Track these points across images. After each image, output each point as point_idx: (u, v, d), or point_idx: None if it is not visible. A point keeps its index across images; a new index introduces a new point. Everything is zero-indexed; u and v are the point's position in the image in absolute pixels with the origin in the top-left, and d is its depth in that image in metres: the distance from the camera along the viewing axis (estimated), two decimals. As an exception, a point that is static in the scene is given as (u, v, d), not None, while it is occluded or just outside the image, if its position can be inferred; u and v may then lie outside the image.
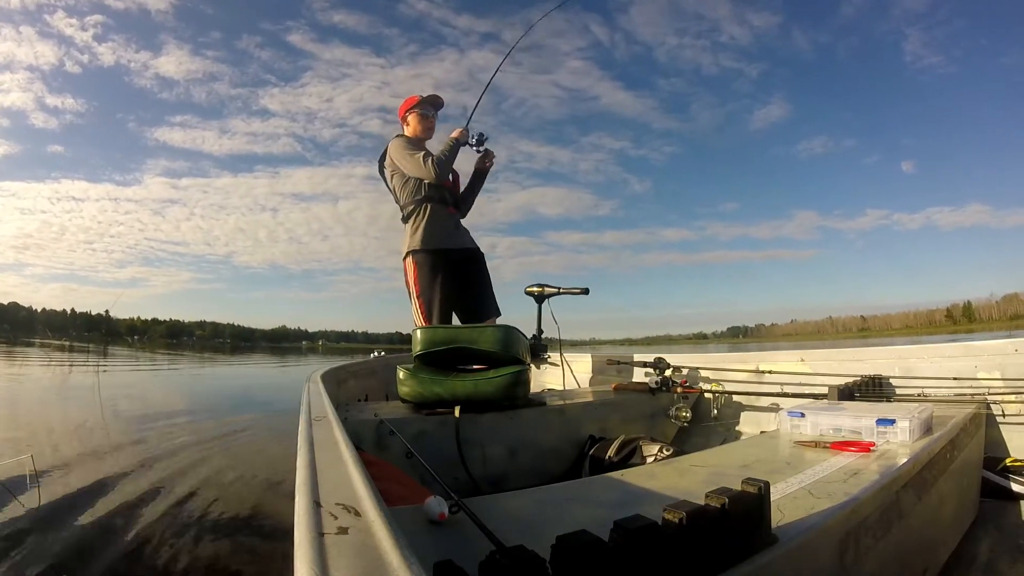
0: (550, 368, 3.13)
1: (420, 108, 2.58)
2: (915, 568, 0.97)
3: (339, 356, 35.47)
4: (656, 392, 2.21)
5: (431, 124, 2.62)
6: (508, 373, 1.77)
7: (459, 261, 2.49)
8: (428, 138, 2.62)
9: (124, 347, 45.79)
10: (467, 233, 2.60)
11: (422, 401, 1.76)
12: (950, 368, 1.80)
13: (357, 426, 1.50)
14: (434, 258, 2.41)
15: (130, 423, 4.69)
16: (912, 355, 1.95)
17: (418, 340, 1.86)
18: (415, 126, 2.59)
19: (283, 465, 2.90)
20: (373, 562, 0.36)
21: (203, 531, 2.02)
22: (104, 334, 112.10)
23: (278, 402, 6.36)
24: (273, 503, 2.38)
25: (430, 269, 2.40)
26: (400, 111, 2.65)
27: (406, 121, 2.62)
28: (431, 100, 2.63)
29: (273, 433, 4.22)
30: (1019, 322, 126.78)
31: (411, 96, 2.63)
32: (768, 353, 2.38)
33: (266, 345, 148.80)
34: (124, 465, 2.99)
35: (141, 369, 14.60)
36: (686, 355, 2.57)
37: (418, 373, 1.78)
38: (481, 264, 2.61)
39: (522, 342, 1.92)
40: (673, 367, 2.41)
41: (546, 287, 2.62)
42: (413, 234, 2.45)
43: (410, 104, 2.60)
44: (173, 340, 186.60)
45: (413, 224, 2.46)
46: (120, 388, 8.20)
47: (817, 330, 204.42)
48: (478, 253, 2.61)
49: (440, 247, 2.43)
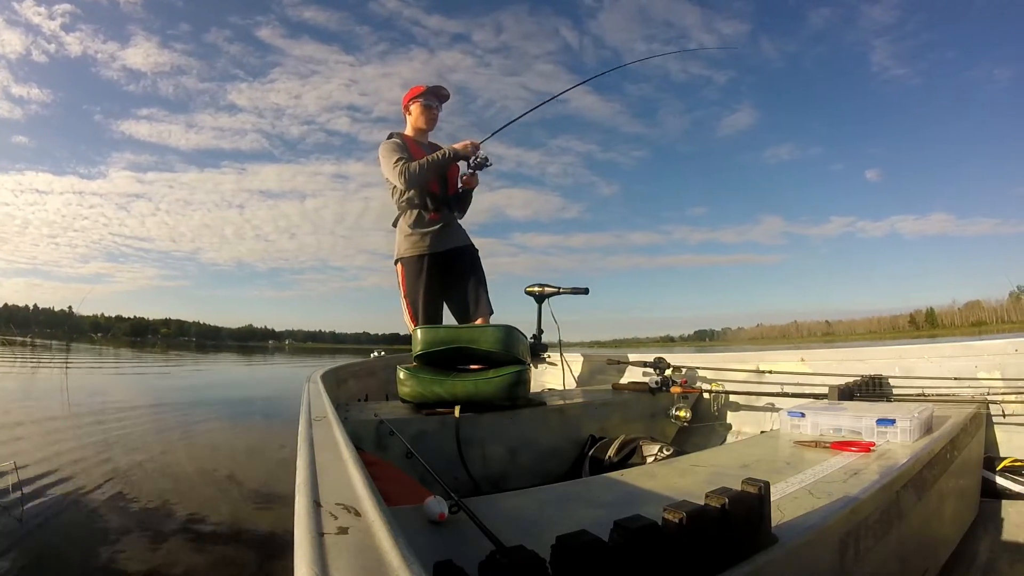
0: (550, 368, 3.13)
1: (423, 98, 2.48)
2: (915, 568, 0.97)
3: (306, 356, 34.38)
4: (656, 392, 2.21)
5: (434, 116, 2.53)
6: (508, 373, 1.77)
7: (444, 262, 2.45)
8: (430, 129, 2.54)
9: (88, 344, 44.06)
10: (456, 232, 2.52)
11: (422, 401, 1.76)
12: (950, 368, 1.80)
13: (357, 426, 1.50)
14: (418, 262, 2.40)
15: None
16: (912, 355, 1.95)
17: (418, 340, 1.86)
18: (417, 117, 2.50)
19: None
20: (373, 562, 0.36)
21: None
22: (68, 331, 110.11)
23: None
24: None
25: (414, 272, 2.40)
26: (403, 100, 2.55)
27: (408, 111, 2.52)
28: (435, 91, 2.52)
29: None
30: (981, 328, 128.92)
31: (415, 86, 2.53)
32: (768, 353, 2.38)
33: (232, 344, 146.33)
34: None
35: (104, 367, 14.00)
36: (686, 355, 2.56)
37: (418, 373, 1.78)
38: (471, 262, 2.53)
39: (522, 342, 1.92)
40: (673, 367, 2.41)
41: (546, 287, 2.62)
42: (400, 240, 2.44)
43: (414, 94, 2.50)
44: (137, 338, 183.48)
45: (400, 229, 2.46)
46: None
47: (782, 334, 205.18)
48: (468, 251, 2.53)
49: (422, 253, 2.40)
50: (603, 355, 2.99)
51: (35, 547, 1.88)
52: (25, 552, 1.83)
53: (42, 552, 1.86)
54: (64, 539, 1.97)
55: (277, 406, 6.21)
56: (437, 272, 2.42)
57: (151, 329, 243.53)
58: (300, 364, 20.10)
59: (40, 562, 1.79)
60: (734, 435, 2.16)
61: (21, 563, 1.75)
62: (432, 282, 2.40)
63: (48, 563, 1.79)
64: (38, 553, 1.85)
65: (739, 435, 2.14)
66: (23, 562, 1.76)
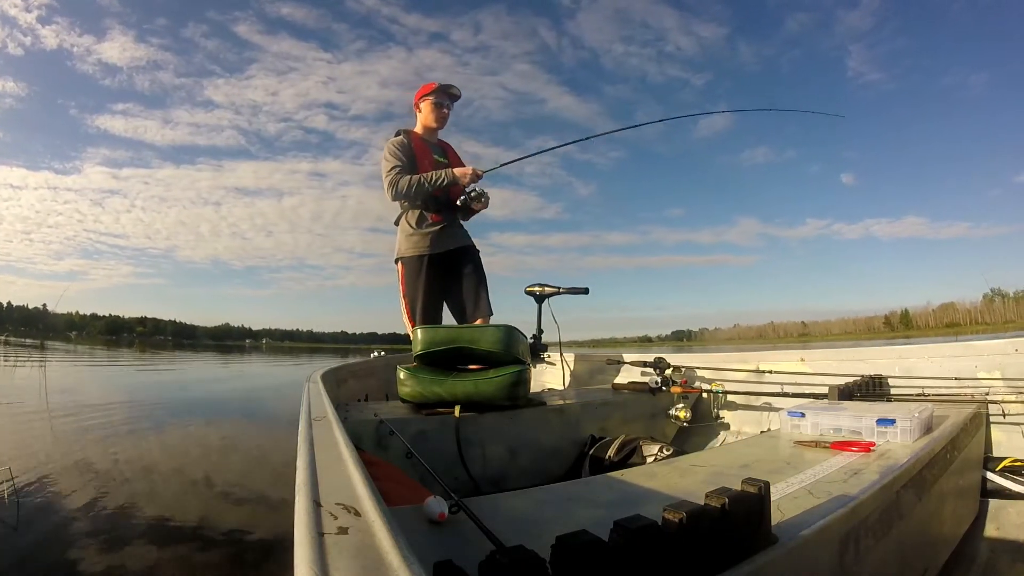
0: (550, 368, 3.13)
1: (435, 96, 2.46)
2: (915, 568, 0.97)
3: (283, 355, 33.62)
4: (656, 392, 2.21)
5: (445, 115, 2.51)
6: (508, 373, 1.77)
7: (445, 263, 2.44)
8: (440, 128, 2.53)
9: (64, 343, 42.98)
10: (458, 233, 2.51)
11: (422, 401, 1.75)
12: (950, 368, 1.80)
13: (357, 426, 1.50)
14: (417, 262, 2.39)
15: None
16: (912, 355, 1.95)
17: (418, 340, 1.86)
18: (427, 114, 2.48)
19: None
20: (373, 562, 0.36)
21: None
22: (43, 330, 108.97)
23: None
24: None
25: (413, 273, 2.39)
26: (415, 97, 2.53)
27: (419, 108, 2.50)
28: (447, 89, 2.49)
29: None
30: (955, 329, 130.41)
31: (428, 83, 2.50)
32: (768, 353, 2.38)
33: (209, 343, 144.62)
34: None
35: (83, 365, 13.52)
36: (686, 355, 2.56)
37: (418, 373, 1.78)
38: (471, 263, 2.51)
39: (522, 342, 1.92)
40: (673, 367, 2.41)
41: (546, 287, 2.62)
42: (401, 239, 2.44)
43: (425, 91, 2.47)
44: (112, 337, 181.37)
45: (401, 228, 2.45)
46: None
47: (759, 335, 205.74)
48: (469, 252, 2.52)
49: (423, 253, 2.39)
50: (603, 355, 2.99)
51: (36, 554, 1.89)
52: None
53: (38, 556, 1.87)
54: (59, 543, 1.97)
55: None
56: (437, 272, 2.42)
57: (127, 327, 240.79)
58: (277, 364, 19.73)
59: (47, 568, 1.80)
60: (734, 435, 2.16)
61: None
62: (432, 282, 2.39)
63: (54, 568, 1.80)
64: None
65: (739, 435, 2.14)
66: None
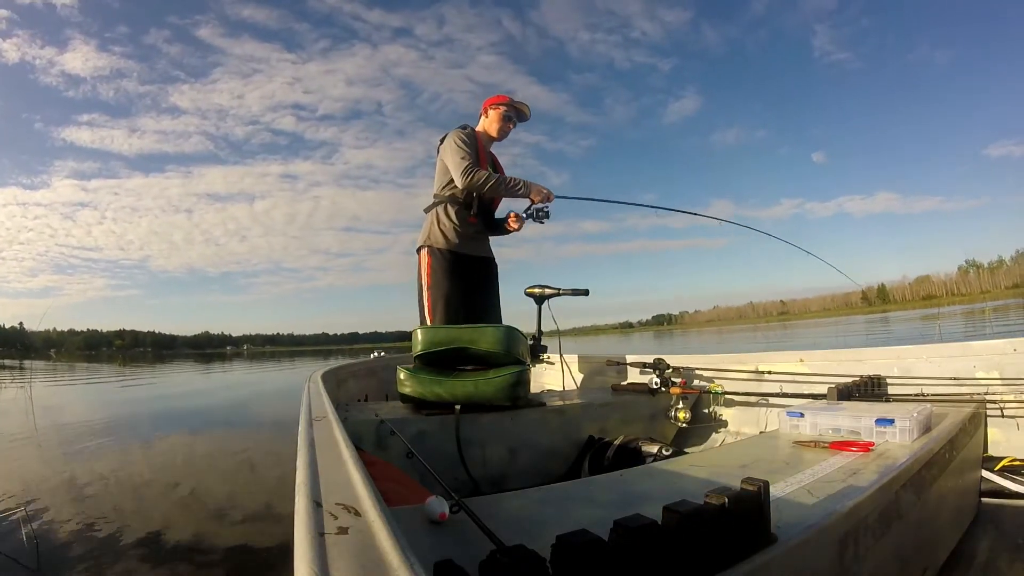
0: (549, 368, 3.13)
1: (505, 108, 2.51)
2: (914, 568, 0.97)
3: (266, 360, 33.00)
4: (655, 392, 2.21)
5: (508, 129, 2.55)
6: (508, 373, 1.77)
7: (471, 267, 2.45)
8: (500, 140, 2.56)
9: (45, 361, 40.30)
10: (485, 241, 2.57)
11: (422, 401, 1.76)
12: (949, 368, 1.80)
13: (357, 426, 1.50)
14: (450, 257, 2.38)
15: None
16: (911, 355, 1.95)
17: (419, 340, 1.86)
18: (494, 122, 2.51)
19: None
20: (373, 562, 0.37)
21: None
22: (22, 349, 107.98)
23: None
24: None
25: (444, 266, 2.37)
26: (485, 103, 2.57)
27: (486, 113, 2.54)
28: (519, 107, 2.55)
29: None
30: (932, 302, 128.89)
31: (503, 94, 2.56)
32: (767, 353, 2.38)
33: (189, 352, 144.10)
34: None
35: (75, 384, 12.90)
36: (685, 355, 2.57)
37: (418, 373, 1.78)
38: (492, 273, 2.59)
39: (522, 342, 1.92)
40: (672, 367, 2.41)
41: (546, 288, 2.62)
42: (431, 228, 2.41)
43: (498, 101, 2.53)
44: (92, 352, 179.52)
45: (433, 218, 2.43)
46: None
47: (739, 315, 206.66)
48: (492, 263, 2.59)
49: (455, 250, 2.39)
50: (602, 356, 2.99)
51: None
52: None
53: None
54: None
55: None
56: (463, 275, 2.41)
57: (105, 341, 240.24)
58: (258, 370, 18.85)
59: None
60: (733, 435, 2.16)
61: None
62: (458, 283, 2.38)
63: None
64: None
65: (738, 435, 2.14)
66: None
